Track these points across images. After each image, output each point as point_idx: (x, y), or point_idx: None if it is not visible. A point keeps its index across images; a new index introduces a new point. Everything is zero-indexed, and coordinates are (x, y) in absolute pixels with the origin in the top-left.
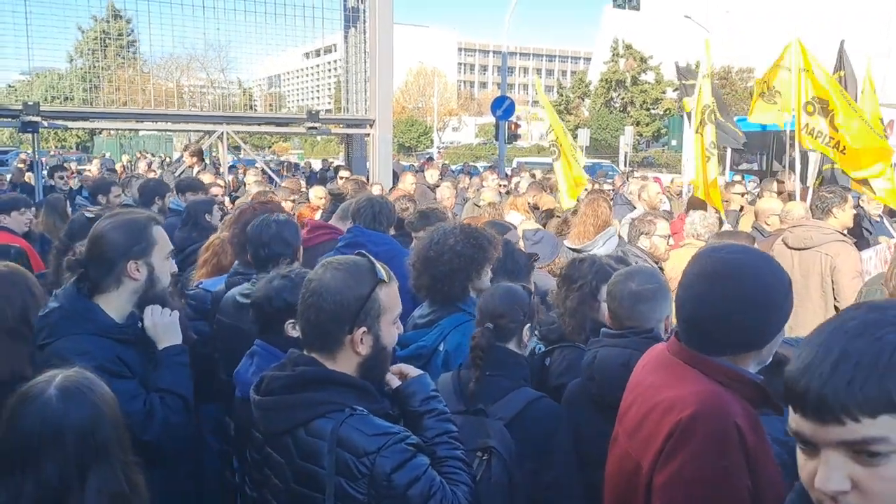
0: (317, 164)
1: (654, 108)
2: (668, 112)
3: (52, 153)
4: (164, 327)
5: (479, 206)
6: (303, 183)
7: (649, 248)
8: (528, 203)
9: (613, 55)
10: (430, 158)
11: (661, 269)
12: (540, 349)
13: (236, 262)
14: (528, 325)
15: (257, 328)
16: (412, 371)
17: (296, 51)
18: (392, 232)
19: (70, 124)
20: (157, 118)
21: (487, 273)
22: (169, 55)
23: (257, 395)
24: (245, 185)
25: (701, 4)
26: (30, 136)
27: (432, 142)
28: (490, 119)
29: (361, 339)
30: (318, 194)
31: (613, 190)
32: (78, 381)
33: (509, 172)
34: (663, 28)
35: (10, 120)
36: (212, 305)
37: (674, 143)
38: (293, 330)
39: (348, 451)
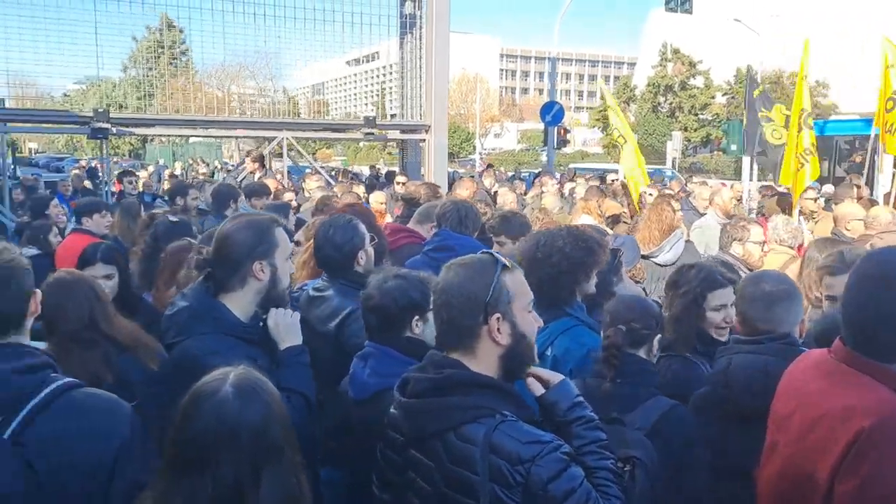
0: (363, 171)
1: (702, 114)
2: (717, 117)
3: (114, 160)
4: (287, 328)
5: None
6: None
7: (742, 255)
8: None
9: (661, 60)
10: (490, 165)
11: None
12: None
13: None
14: (659, 335)
15: (376, 330)
16: (553, 376)
17: (340, 58)
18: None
19: (137, 131)
20: (223, 125)
21: (594, 277)
22: (220, 64)
23: (403, 396)
24: (304, 190)
25: (749, 8)
26: (84, 143)
27: (474, 148)
28: (531, 125)
29: (498, 328)
30: (378, 199)
31: (674, 196)
32: (251, 380)
33: (558, 178)
34: (712, 32)
35: (78, 126)
36: None
37: (733, 147)
38: (417, 327)
39: (502, 458)
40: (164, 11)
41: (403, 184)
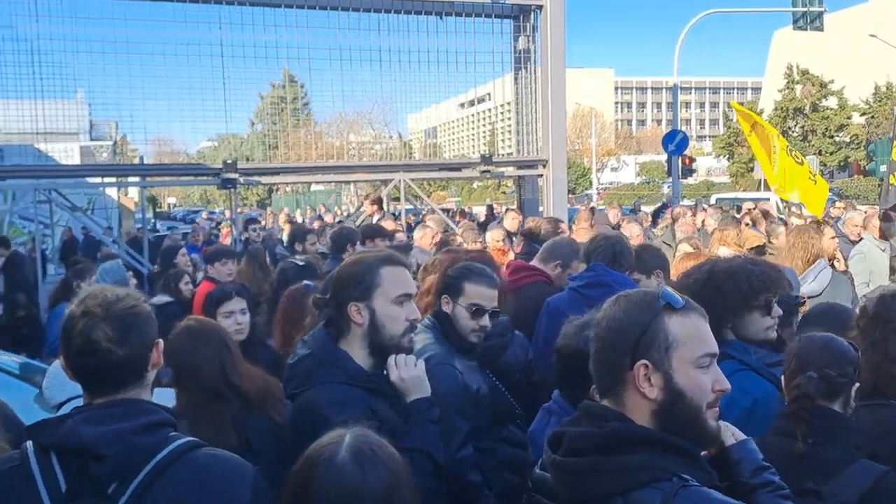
0: (479, 210)
1: (838, 135)
2: (855, 138)
3: (239, 210)
4: (412, 379)
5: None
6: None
7: None
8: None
9: (788, 82)
10: (666, 205)
11: None
12: None
13: None
14: (857, 385)
15: (562, 381)
16: (738, 433)
17: (452, 102)
18: None
19: (263, 179)
20: (341, 170)
21: (756, 315)
22: (337, 113)
23: (556, 454)
24: None
25: (888, 21)
26: (217, 195)
27: (591, 183)
28: (650, 157)
29: (645, 378)
30: (496, 237)
31: (826, 222)
32: (369, 443)
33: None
34: (843, 49)
35: (209, 178)
36: None
37: (882, 168)
38: None
39: None
40: (286, 66)
41: (520, 220)
